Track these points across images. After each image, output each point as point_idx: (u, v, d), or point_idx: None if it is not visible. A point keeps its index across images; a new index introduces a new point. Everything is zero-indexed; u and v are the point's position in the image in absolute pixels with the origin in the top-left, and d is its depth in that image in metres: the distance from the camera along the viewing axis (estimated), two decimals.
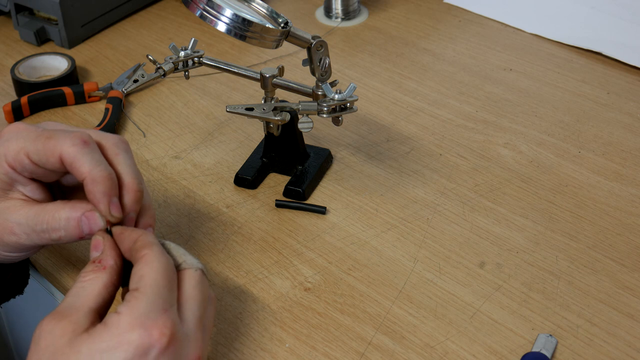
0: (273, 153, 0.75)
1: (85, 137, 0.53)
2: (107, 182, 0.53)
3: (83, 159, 0.52)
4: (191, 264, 0.52)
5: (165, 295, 0.48)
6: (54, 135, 0.53)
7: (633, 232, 0.69)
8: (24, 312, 0.84)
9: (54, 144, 0.53)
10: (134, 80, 0.90)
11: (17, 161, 0.54)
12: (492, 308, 0.62)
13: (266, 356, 0.58)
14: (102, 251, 0.51)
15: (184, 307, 0.49)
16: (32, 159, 0.53)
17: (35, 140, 0.53)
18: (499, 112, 0.85)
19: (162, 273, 0.48)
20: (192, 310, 0.49)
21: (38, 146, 0.53)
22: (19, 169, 0.54)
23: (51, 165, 0.53)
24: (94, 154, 0.53)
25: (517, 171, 0.76)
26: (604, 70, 0.92)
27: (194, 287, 0.50)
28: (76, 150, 0.52)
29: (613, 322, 0.60)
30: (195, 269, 0.51)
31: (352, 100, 0.67)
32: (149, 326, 0.46)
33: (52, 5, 0.96)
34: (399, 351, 0.58)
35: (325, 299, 0.63)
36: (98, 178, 0.52)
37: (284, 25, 0.67)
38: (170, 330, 0.46)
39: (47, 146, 0.53)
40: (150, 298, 0.47)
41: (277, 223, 0.71)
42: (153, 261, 0.49)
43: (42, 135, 0.53)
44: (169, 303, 0.48)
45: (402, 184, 0.75)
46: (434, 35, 1.01)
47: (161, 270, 0.49)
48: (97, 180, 0.52)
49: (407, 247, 0.68)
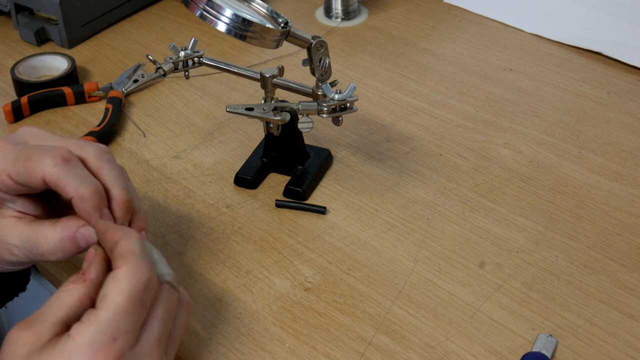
0: (273, 153, 0.75)
1: (65, 155, 0.52)
2: (95, 197, 0.52)
3: (66, 178, 0.51)
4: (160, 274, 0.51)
5: (121, 323, 0.46)
6: (32, 156, 0.52)
7: (633, 232, 0.69)
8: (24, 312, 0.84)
9: (34, 166, 0.51)
10: (134, 80, 0.90)
11: (1, 182, 0.53)
12: (492, 308, 0.62)
13: (266, 356, 0.58)
14: (89, 263, 0.50)
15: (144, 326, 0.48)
16: (15, 180, 0.52)
17: (14, 161, 0.52)
18: (499, 112, 0.85)
19: (127, 295, 0.47)
20: (151, 329, 0.48)
21: (18, 168, 0.52)
22: (3, 190, 0.53)
23: (35, 185, 0.52)
24: (77, 170, 0.52)
25: (517, 171, 0.76)
26: (604, 70, 0.92)
27: (155, 305, 0.49)
28: (58, 170, 0.51)
29: (613, 322, 0.60)
30: (162, 284, 0.50)
31: (352, 100, 0.67)
32: (90, 356, 0.45)
33: (52, 5, 0.96)
34: (399, 351, 0.58)
35: (325, 299, 0.63)
36: (85, 195, 0.51)
37: (284, 25, 0.67)
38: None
39: (27, 169, 0.51)
40: (102, 324, 0.46)
41: (277, 223, 0.71)
42: (123, 279, 0.47)
43: (21, 157, 0.52)
44: (123, 330, 0.46)
45: (402, 184, 0.75)
46: (434, 35, 1.01)
47: (127, 291, 0.47)
48: (85, 198, 0.51)
49: (407, 247, 0.68)
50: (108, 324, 0.46)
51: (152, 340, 0.48)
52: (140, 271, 0.48)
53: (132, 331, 0.47)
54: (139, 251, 0.49)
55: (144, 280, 0.48)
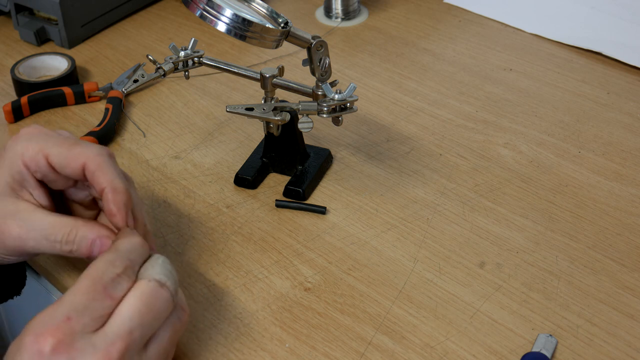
0: (273, 153, 0.75)
1: (110, 151, 0.56)
2: (127, 194, 0.54)
3: (107, 168, 0.54)
4: (149, 275, 0.50)
5: (76, 303, 0.46)
6: (79, 142, 0.55)
7: (633, 232, 0.69)
8: (24, 311, 0.84)
9: (79, 150, 0.54)
10: (134, 80, 0.90)
11: (34, 161, 0.55)
12: (492, 308, 0.62)
13: (266, 356, 0.58)
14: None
15: (112, 316, 0.48)
16: (51, 161, 0.55)
17: (59, 144, 0.55)
18: (499, 112, 0.85)
19: (87, 279, 0.48)
20: (119, 321, 0.47)
21: (62, 150, 0.54)
22: (32, 169, 0.55)
23: (70, 170, 0.54)
24: (116, 167, 0.55)
25: (517, 171, 0.76)
26: (604, 70, 0.92)
27: (136, 297, 0.48)
28: (102, 160, 0.54)
29: (613, 322, 0.60)
30: (149, 280, 0.49)
31: (352, 100, 0.67)
32: (40, 332, 0.45)
33: (52, 5, 0.96)
34: (399, 351, 0.58)
35: (325, 299, 0.63)
36: (120, 188, 0.54)
37: (284, 25, 0.67)
38: (58, 338, 0.45)
39: (72, 151, 0.54)
40: (59, 304, 0.47)
41: (277, 223, 0.71)
42: (88, 268, 0.49)
43: (67, 142, 0.55)
44: (79, 312, 0.46)
45: (402, 184, 0.75)
46: (434, 35, 1.01)
47: (88, 276, 0.48)
48: (119, 191, 0.53)
49: (407, 247, 0.68)
50: (64, 304, 0.47)
51: (118, 330, 0.47)
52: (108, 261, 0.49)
53: (89, 314, 0.47)
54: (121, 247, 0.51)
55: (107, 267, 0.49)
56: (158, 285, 0.50)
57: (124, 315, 0.48)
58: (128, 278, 0.49)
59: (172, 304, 0.50)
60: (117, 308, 0.48)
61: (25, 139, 0.56)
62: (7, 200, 0.55)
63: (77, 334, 0.46)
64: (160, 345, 0.50)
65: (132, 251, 0.51)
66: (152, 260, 0.52)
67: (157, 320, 0.49)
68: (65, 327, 0.46)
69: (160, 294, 0.50)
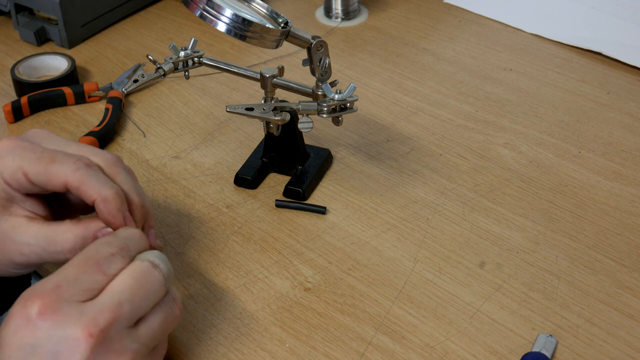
0: (273, 153, 0.75)
1: (86, 160, 0.54)
2: (118, 199, 0.53)
3: (89, 182, 0.53)
4: (143, 257, 0.51)
5: (67, 273, 0.48)
6: (56, 158, 0.53)
7: (633, 232, 0.69)
8: None
9: (56, 168, 0.53)
10: (134, 80, 0.90)
11: (14, 179, 0.54)
12: (492, 308, 0.62)
13: (266, 356, 0.58)
14: None
15: (104, 291, 0.48)
16: (31, 179, 0.53)
17: (35, 161, 0.53)
18: (499, 112, 0.85)
19: (83, 254, 0.49)
20: (109, 293, 0.48)
21: (39, 169, 0.53)
22: (15, 187, 0.54)
23: (52, 187, 0.54)
24: (98, 175, 0.54)
25: (517, 171, 0.76)
26: (604, 70, 0.92)
27: (127, 274, 0.49)
28: (81, 174, 0.53)
29: (613, 322, 0.60)
30: (142, 260, 0.50)
31: (352, 100, 0.67)
32: (28, 298, 0.46)
33: (52, 5, 0.96)
34: (399, 351, 0.58)
35: (325, 299, 0.63)
36: (109, 197, 0.53)
37: (284, 25, 0.67)
38: (44, 302, 0.46)
39: (49, 170, 0.53)
40: (50, 277, 0.48)
41: (277, 223, 0.71)
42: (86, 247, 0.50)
43: (44, 158, 0.53)
44: (70, 281, 0.47)
45: (402, 184, 0.75)
46: (434, 35, 1.01)
47: (84, 252, 0.49)
48: (109, 199, 0.53)
49: (407, 247, 0.68)
50: (56, 275, 0.48)
51: (107, 301, 0.48)
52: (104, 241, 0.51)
53: (79, 285, 0.47)
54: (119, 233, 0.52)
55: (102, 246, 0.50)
56: (151, 265, 0.51)
57: (115, 289, 0.48)
58: (122, 259, 0.50)
59: (163, 287, 0.51)
60: (109, 284, 0.49)
61: (1, 155, 0.54)
62: (1, 218, 0.55)
63: (65, 301, 0.46)
64: (150, 328, 0.50)
65: (129, 238, 0.52)
66: (151, 251, 0.53)
67: (147, 300, 0.50)
68: (53, 293, 0.46)
69: (152, 274, 0.50)
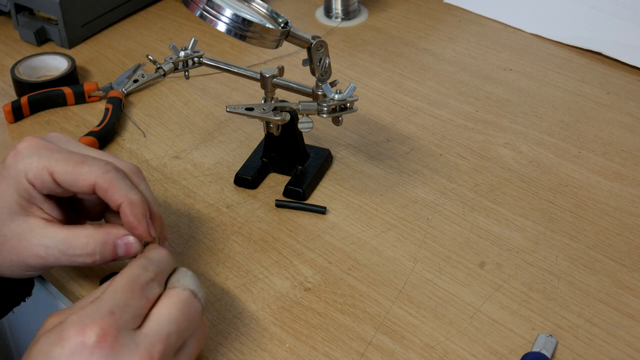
0: (273, 153, 0.75)
1: (115, 165, 0.55)
2: (143, 204, 0.54)
3: (118, 184, 0.54)
4: (183, 284, 0.51)
5: (118, 299, 0.47)
6: (85, 160, 0.54)
7: (633, 232, 0.69)
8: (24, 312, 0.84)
9: (87, 169, 0.54)
10: (134, 80, 0.90)
11: (39, 179, 0.54)
12: (492, 308, 0.62)
13: (266, 356, 0.58)
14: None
15: (149, 318, 0.49)
16: (57, 179, 0.54)
17: (64, 161, 0.54)
18: (499, 112, 0.85)
19: (125, 279, 0.49)
20: (157, 323, 0.49)
21: (68, 169, 0.54)
22: (38, 187, 0.55)
23: (77, 189, 0.54)
24: (125, 180, 0.55)
25: (517, 171, 0.76)
26: (604, 70, 0.92)
27: (172, 303, 0.50)
28: (111, 177, 0.53)
29: (613, 322, 0.60)
30: (184, 289, 0.51)
31: (352, 100, 0.67)
32: (86, 324, 0.46)
33: (52, 5, 0.96)
34: (399, 351, 0.58)
35: (325, 299, 0.63)
36: (136, 201, 0.54)
37: (284, 25, 0.67)
38: (104, 330, 0.46)
39: (78, 171, 0.53)
40: (101, 301, 0.47)
41: (277, 223, 0.71)
42: (125, 270, 0.50)
43: (72, 159, 0.54)
44: (121, 307, 0.47)
45: (402, 184, 0.75)
46: (434, 35, 1.01)
47: (126, 277, 0.49)
48: (136, 203, 0.54)
49: (407, 247, 0.68)
50: (106, 300, 0.47)
51: (157, 332, 0.48)
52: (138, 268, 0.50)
53: (130, 311, 0.48)
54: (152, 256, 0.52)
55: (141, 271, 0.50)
56: (192, 295, 0.51)
57: (162, 319, 0.49)
58: (158, 284, 0.51)
59: (201, 315, 0.52)
60: (153, 311, 0.49)
61: (26, 155, 0.54)
62: (19, 219, 0.55)
63: (121, 329, 0.47)
64: (188, 355, 0.51)
65: (162, 261, 0.52)
66: (182, 271, 0.53)
67: (188, 330, 0.51)
68: (110, 320, 0.46)
69: (194, 304, 0.51)
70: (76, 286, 0.64)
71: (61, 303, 0.70)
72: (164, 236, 0.59)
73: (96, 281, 0.64)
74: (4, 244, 0.55)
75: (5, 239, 0.55)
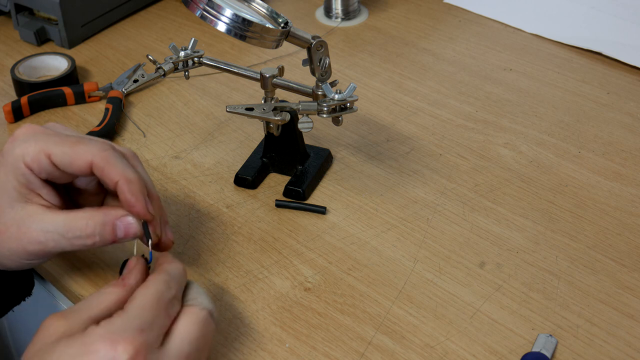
0: (273, 153, 0.75)
1: (111, 144, 0.55)
2: (141, 182, 0.54)
3: (115, 162, 0.54)
4: (200, 303, 0.52)
5: (147, 317, 0.47)
6: (81, 139, 0.54)
7: (633, 232, 0.69)
8: (24, 312, 0.84)
9: (83, 149, 0.54)
10: (134, 80, 0.90)
11: (36, 162, 0.54)
12: (492, 308, 0.62)
13: (266, 356, 0.58)
14: (130, 271, 0.52)
15: (170, 337, 0.49)
16: (54, 161, 0.54)
17: (61, 143, 0.54)
18: (499, 112, 0.85)
19: (151, 296, 0.49)
20: (179, 342, 0.49)
21: (65, 149, 0.54)
22: (36, 171, 0.55)
23: (75, 168, 0.54)
24: (122, 159, 0.55)
25: (517, 171, 0.76)
26: (604, 70, 0.92)
27: (192, 322, 0.50)
28: (108, 155, 0.54)
29: (613, 322, 0.60)
30: (202, 308, 0.51)
31: (352, 100, 0.67)
32: (116, 340, 0.45)
33: (52, 5, 0.96)
34: (399, 351, 0.58)
35: (325, 299, 0.63)
36: (133, 178, 0.54)
37: (284, 25, 0.67)
38: (136, 348, 0.45)
39: (75, 150, 0.54)
40: (129, 316, 0.47)
41: (277, 223, 0.71)
42: (149, 285, 0.50)
43: (69, 139, 0.54)
44: (149, 325, 0.47)
45: (402, 184, 0.75)
46: (434, 35, 1.01)
47: (152, 294, 0.49)
48: (133, 181, 0.54)
49: (407, 247, 0.68)
50: (135, 316, 0.47)
51: (179, 351, 0.48)
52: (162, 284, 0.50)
53: (157, 329, 0.48)
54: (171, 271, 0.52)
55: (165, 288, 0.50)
56: (209, 315, 0.51)
57: (183, 339, 0.49)
58: (178, 301, 0.51)
59: (214, 334, 0.52)
60: (173, 329, 0.49)
61: (22, 139, 0.55)
62: (17, 205, 0.55)
63: (150, 348, 0.47)
64: None
65: (180, 275, 0.53)
66: (196, 288, 0.54)
67: (204, 350, 0.51)
68: (141, 338, 0.46)
69: (211, 325, 0.51)
70: (76, 286, 0.64)
71: (61, 303, 0.70)
72: (164, 220, 0.58)
73: (96, 281, 0.64)
74: (4, 232, 0.55)
75: (5, 227, 0.55)
